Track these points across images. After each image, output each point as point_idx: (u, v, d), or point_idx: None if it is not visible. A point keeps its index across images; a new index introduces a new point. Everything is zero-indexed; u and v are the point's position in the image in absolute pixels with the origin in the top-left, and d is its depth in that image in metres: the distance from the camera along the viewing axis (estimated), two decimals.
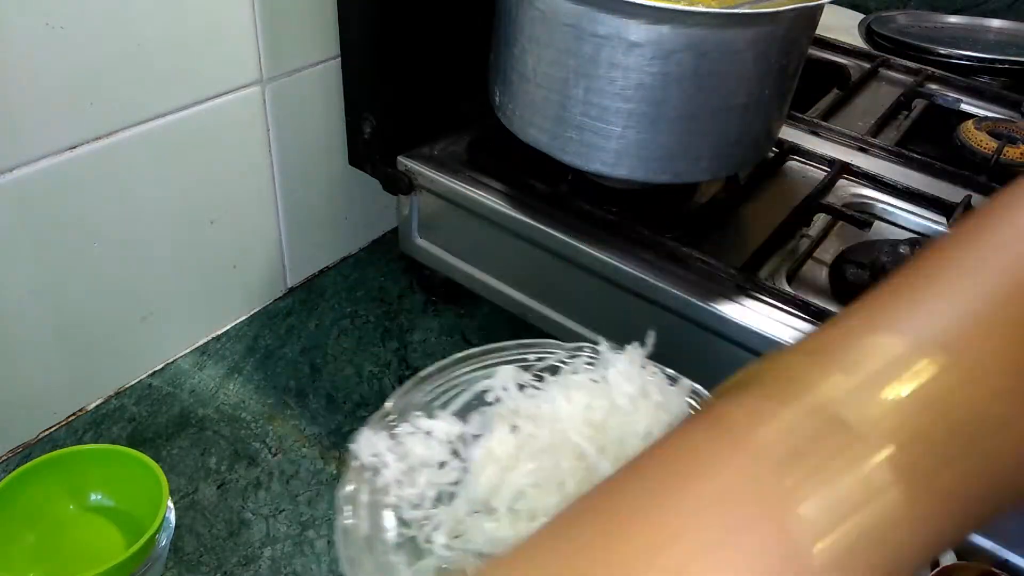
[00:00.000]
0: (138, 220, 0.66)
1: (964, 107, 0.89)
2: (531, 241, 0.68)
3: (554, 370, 0.38)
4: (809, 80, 0.72)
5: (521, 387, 0.37)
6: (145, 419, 0.69)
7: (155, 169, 0.65)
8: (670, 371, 0.37)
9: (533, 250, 0.69)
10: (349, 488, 0.35)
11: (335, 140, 0.79)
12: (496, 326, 0.80)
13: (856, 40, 1.04)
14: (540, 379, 0.38)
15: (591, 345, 0.39)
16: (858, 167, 0.76)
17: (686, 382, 0.37)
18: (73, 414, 0.69)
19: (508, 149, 0.74)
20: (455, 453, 0.35)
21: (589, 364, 0.39)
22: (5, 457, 0.65)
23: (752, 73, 0.60)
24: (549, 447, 0.34)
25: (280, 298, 0.82)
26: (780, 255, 0.66)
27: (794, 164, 0.78)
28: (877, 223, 0.71)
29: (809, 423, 0.24)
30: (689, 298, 0.61)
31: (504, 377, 0.37)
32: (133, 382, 0.72)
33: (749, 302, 0.61)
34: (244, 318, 0.80)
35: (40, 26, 0.54)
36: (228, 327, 0.78)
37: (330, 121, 0.78)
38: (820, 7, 0.60)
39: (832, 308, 0.60)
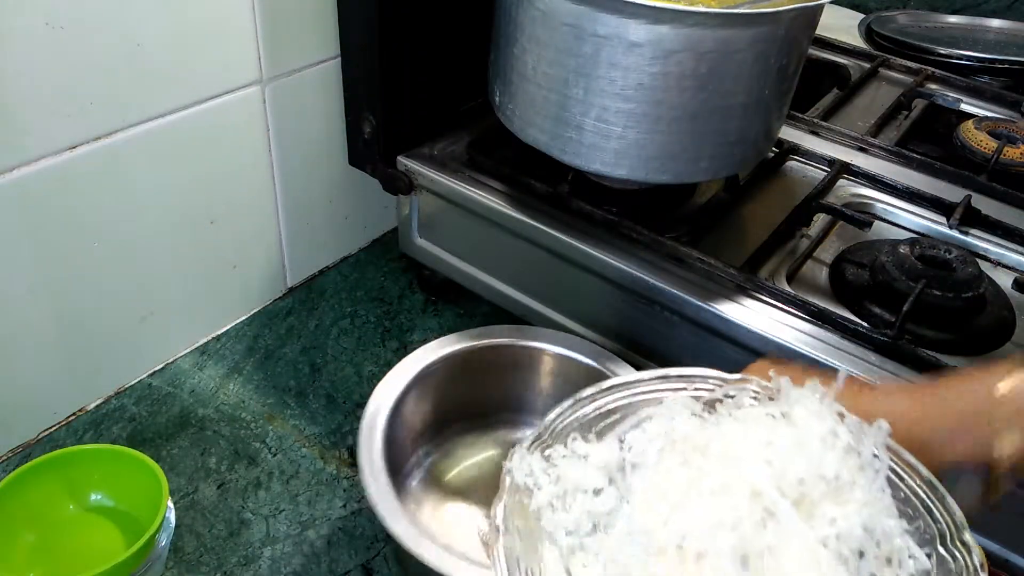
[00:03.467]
0: (138, 220, 0.66)
1: (964, 107, 0.89)
2: (531, 241, 0.68)
3: (716, 403, 0.36)
4: (809, 80, 0.73)
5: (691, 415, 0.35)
6: (145, 419, 0.69)
7: (155, 169, 0.65)
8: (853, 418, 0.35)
9: (533, 250, 0.69)
10: (503, 508, 0.33)
11: (335, 140, 0.79)
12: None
13: (856, 40, 1.04)
14: (710, 410, 0.36)
15: (756, 379, 0.37)
16: (858, 167, 0.76)
17: (876, 429, 0.34)
18: (73, 414, 0.69)
19: (508, 149, 0.74)
20: (611, 481, 0.34)
21: (754, 398, 0.37)
22: (5, 457, 0.65)
23: (752, 73, 0.60)
24: (722, 485, 0.32)
25: (280, 298, 0.82)
26: (780, 255, 0.66)
27: (794, 164, 0.78)
28: (877, 223, 0.71)
29: None
30: (689, 298, 0.61)
31: (674, 407, 0.35)
32: (133, 382, 0.72)
33: (749, 302, 0.61)
34: (244, 318, 0.80)
35: (40, 26, 0.54)
36: (228, 327, 0.78)
37: (330, 121, 0.78)
38: (820, 7, 0.60)
39: (832, 308, 0.60)
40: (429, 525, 0.61)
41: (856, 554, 0.30)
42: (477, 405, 0.66)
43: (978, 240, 0.70)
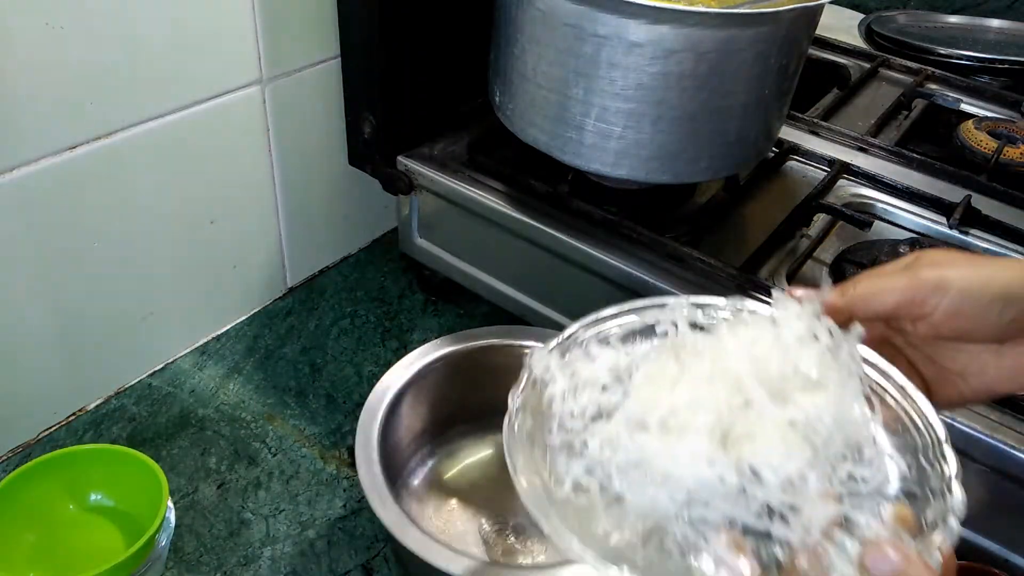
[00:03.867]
0: (138, 220, 0.66)
1: (964, 107, 0.89)
2: (531, 241, 0.68)
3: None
4: (809, 80, 0.73)
5: (693, 326, 0.39)
6: (145, 419, 0.69)
7: (155, 169, 0.65)
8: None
9: (533, 250, 0.69)
10: (519, 394, 0.38)
11: (335, 140, 0.79)
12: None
13: (856, 40, 1.04)
14: (711, 321, 0.40)
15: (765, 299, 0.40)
16: (858, 167, 0.76)
17: (852, 334, 0.37)
18: (73, 414, 0.69)
19: (508, 149, 0.74)
20: (618, 380, 0.38)
21: (752, 312, 0.40)
22: (5, 457, 0.65)
23: (752, 73, 0.60)
24: (709, 375, 0.35)
25: (280, 298, 0.82)
26: (780, 255, 0.66)
27: (794, 164, 0.78)
28: (877, 223, 0.71)
29: None
30: None
31: (676, 311, 0.39)
32: (133, 382, 0.72)
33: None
34: (244, 318, 0.80)
35: (40, 26, 0.54)
36: (228, 327, 0.78)
37: (330, 121, 0.78)
38: (820, 7, 0.60)
39: None
40: (429, 524, 0.61)
41: (825, 443, 0.34)
42: (476, 406, 0.66)
43: (978, 240, 0.70)
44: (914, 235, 0.70)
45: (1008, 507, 0.54)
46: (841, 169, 0.76)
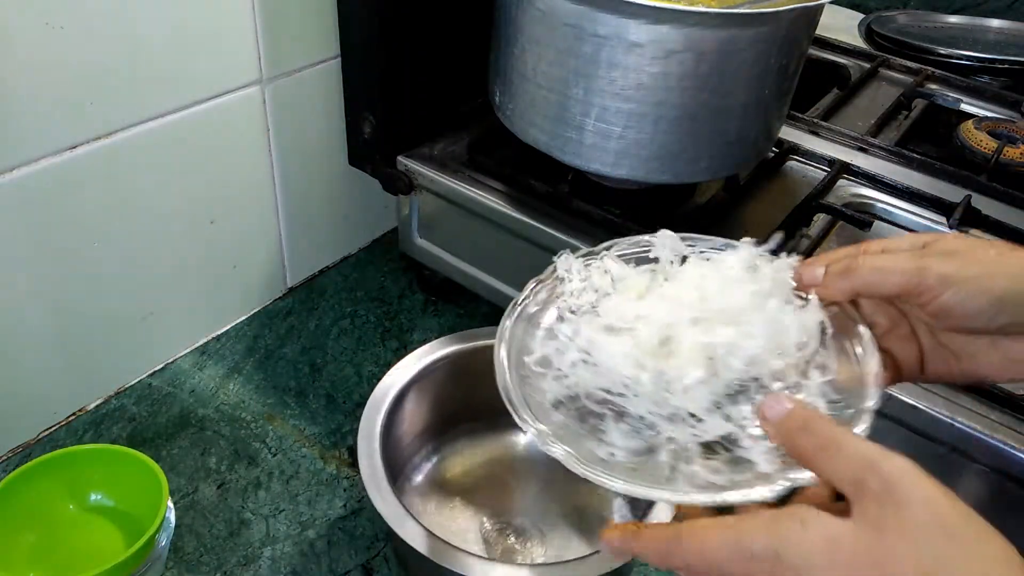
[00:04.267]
0: (138, 220, 0.66)
1: (964, 107, 0.89)
2: (531, 241, 0.68)
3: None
4: (809, 80, 0.73)
5: (684, 259, 0.45)
6: (145, 419, 0.69)
7: (155, 169, 0.65)
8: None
9: (533, 250, 0.69)
10: (536, 283, 0.46)
11: (335, 140, 0.79)
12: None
13: (856, 40, 1.04)
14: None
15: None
16: (858, 167, 0.76)
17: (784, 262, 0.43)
18: (73, 414, 0.69)
19: (508, 149, 0.74)
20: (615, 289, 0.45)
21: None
22: (5, 457, 0.65)
23: (752, 73, 0.60)
24: (664, 298, 0.43)
25: (280, 298, 0.82)
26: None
27: (794, 164, 0.78)
28: (877, 223, 0.71)
29: None
30: None
31: (663, 242, 0.46)
32: (133, 382, 0.72)
33: None
34: (244, 318, 0.80)
35: (40, 26, 0.54)
36: (228, 327, 0.78)
37: (330, 121, 0.78)
38: (820, 7, 0.60)
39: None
40: (429, 522, 0.61)
41: (726, 369, 0.39)
42: (479, 405, 0.66)
43: None
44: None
45: (1008, 507, 0.54)
46: (841, 169, 0.76)
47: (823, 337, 0.41)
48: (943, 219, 0.71)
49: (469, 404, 0.66)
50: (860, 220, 0.67)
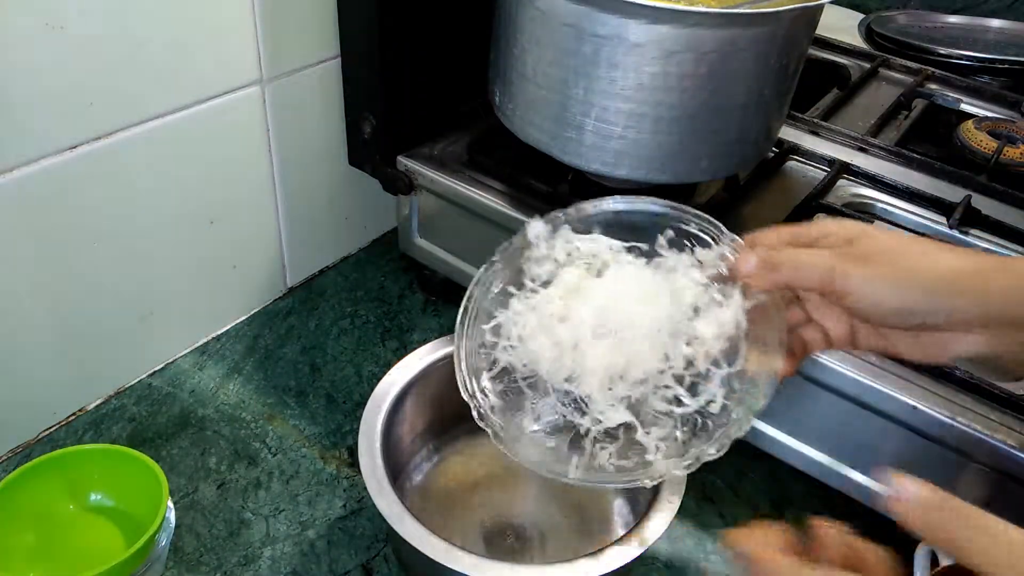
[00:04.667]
0: (138, 220, 0.66)
1: (964, 107, 0.89)
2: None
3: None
4: (809, 80, 0.73)
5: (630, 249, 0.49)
6: (145, 419, 0.69)
7: (155, 169, 0.65)
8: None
9: None
10: (507, 244, 0.50)
11: (335, 140, 0.79)
12: None
13: (856, 40, 1.04)
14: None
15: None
16: (858, 167, 0.76)
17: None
18: (73, 414, 0.69)
19: (508, 149, 0.74)
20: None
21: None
22: (5, 457, 0.65)
23: (752, 73, 0.60)
24: (587, 301, 0.47)
25: (280, 298, 0.82)
26: None
27: (794, 164, 0.78)
28: (877, 223, 0.71)
29: None
30: None
31: (599, 240, 0.49)
32: (133, 382, 0.72)
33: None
34: (244, 318, 0.80)
35: (40, 26, 0.54)
36: (228, 327, 0.78)
37: (330, 121, 0.78)
38: (820, 7, 0.60)
39: None
40: (429, 521, 0.61)
41: (624, 372, 0.45)
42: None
43: (978, 240, 0.70)
44: (914, 235, 0.70)
45: (1008, 507, 0.54)
46: (841, 169, 0.76)
47: (739, 332, 0.45)
48: (943, 219, 0.71)
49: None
50: (860, 220, 0.67)
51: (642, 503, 0.54)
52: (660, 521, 0.51)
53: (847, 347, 0.46)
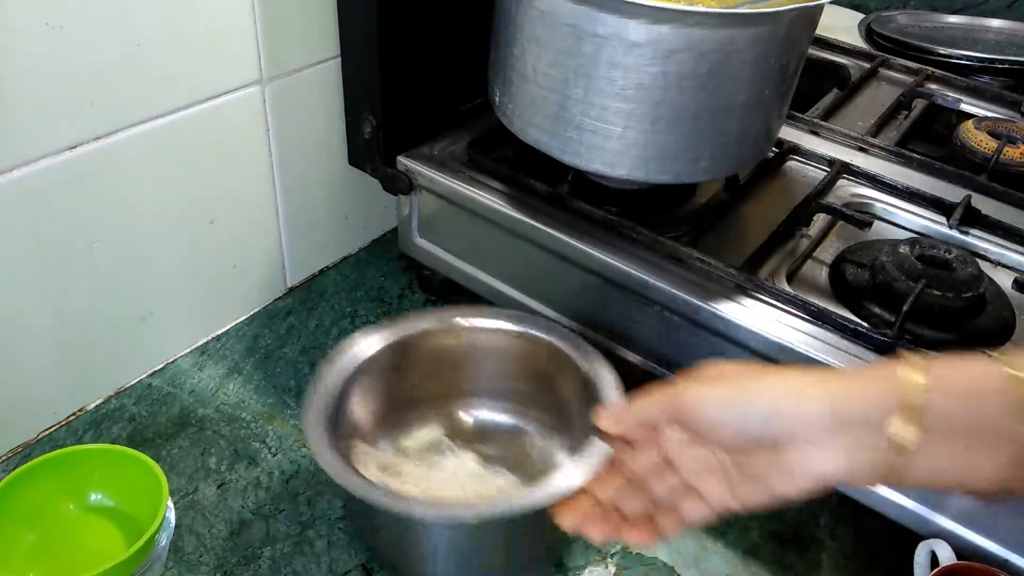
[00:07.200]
0: (138, 220, 0.66)
1: (964, 107, 0.89)
2: (531, 241, 0.68)
3: None
4: (809, 80, 0.73)
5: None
6: (145, 419, 0.69)
7: (155, 169, 0.65)
8: None
9: (533, 250, 0.69)
10: None
11: (335, 140, 0.79)
12: None
13: (856, 40, 1.04)
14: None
15: None
16: (858, 167, 0.76)
17: None
18: (73, 414, 0.69)
19: (508, 149, 0.74)
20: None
21: None
22: (5, 457, 0.65)
23: (752, 73, 0.60)
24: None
25: (280, 298, 0.82)
26: (780, 255, 0.66)
27: (794, 164, 0.78)
28: (877, 223, 0.71)
29: None
30: (689, 298, 0.61)
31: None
32: (133, 382, 0.72)
33: (749, 302, 0.61)
34: (244, 318, 0.80)
35: (40, 26, 0.54)
36: (228, 327, 0.78)
37: (330, 121, 0.78)
38: (820, 7, 0.60)
39: (832, 308, 0.60)
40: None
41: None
42: (424, 386, 0.66)
43: (978, 240, 0.70)
44: (914, 235, 0.70)
45: (1008, 507, 0.54)
46: (841, 169, 0.76)
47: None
48: (943, 219, 0.71)
49: (411, 385, 0.66)
50: (860, 220, 0.67)
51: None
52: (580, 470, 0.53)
53: (727, 509, 0.44)
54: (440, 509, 0.53)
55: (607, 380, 0.59)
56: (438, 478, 0.62)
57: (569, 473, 0.51)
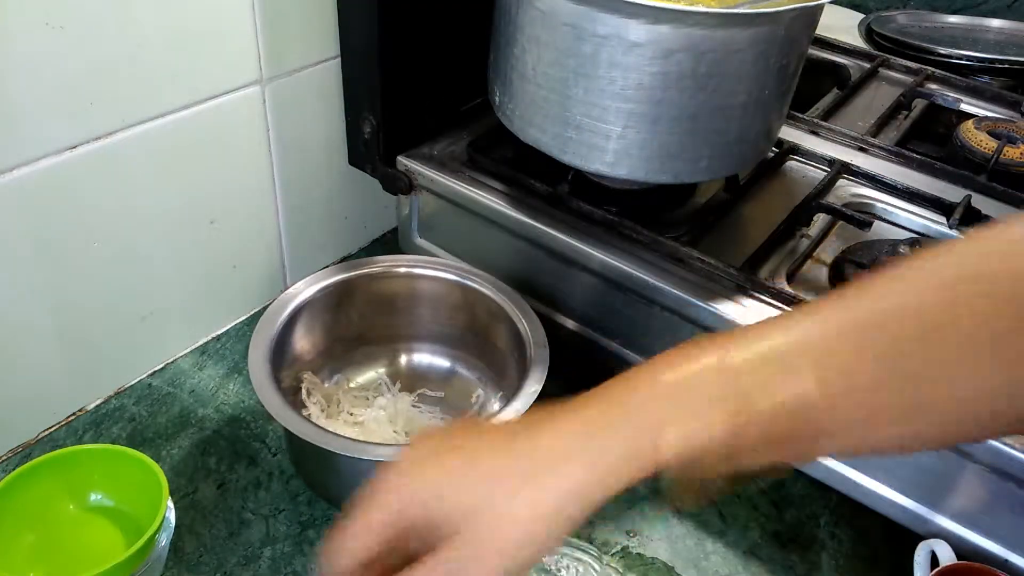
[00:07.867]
0: (138, 220, 0.66)
1: (964, 107, 0.89)
2: (531, 241, 0.68)
3: None
4: (809, 80, 0.73)
5: None
6: (145, 419, 0.69)
7: (155, 169, 0.65)
8: None
9: (533, 250, 0.69)
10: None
11: (335, 140, 0.79)
12: None
13: (856, 40, 1.04)
14: None
15: None
16: (858, 167, 0.76)
17: None
18: (73, 414, 0.69)
19: (508, 149, 0.74)
20: None
21: None
22: (5, 457, 0.65)
23: (752, 73, 0.60)
24: None
25: None
26: (780, 255, 0.66)
27: (794, 164, 0.78)
28: (877, 223, 0.71)
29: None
30: (689, 298, 0.61)
31: None
32: (133, 382, 0.72)
33: (749, 302, 0.61)
34: (244, 318, 0.80)
35: (40, 26, 0.54)
36: (228, 327, 0.78)
37: (330, 121, 0.78)
38: (820, 7, 0.60)
39: None
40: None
41: None
42: (366, 326, 0.70)
43: None
44: (914, 235, 0.70)
45: (1008, 507, 0.54)
46: (841, 169, 0.76)
47: None
48: (943, 219, 0.71)
49: (351, 328, 0.70)
50: (860, 220, 0.67)
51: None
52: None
53: None
54: (362, 447, 0.55)
55: (538, 335, 0.63)
56: (374, 416, 0.66)
57: (501, 419, 0.52)
